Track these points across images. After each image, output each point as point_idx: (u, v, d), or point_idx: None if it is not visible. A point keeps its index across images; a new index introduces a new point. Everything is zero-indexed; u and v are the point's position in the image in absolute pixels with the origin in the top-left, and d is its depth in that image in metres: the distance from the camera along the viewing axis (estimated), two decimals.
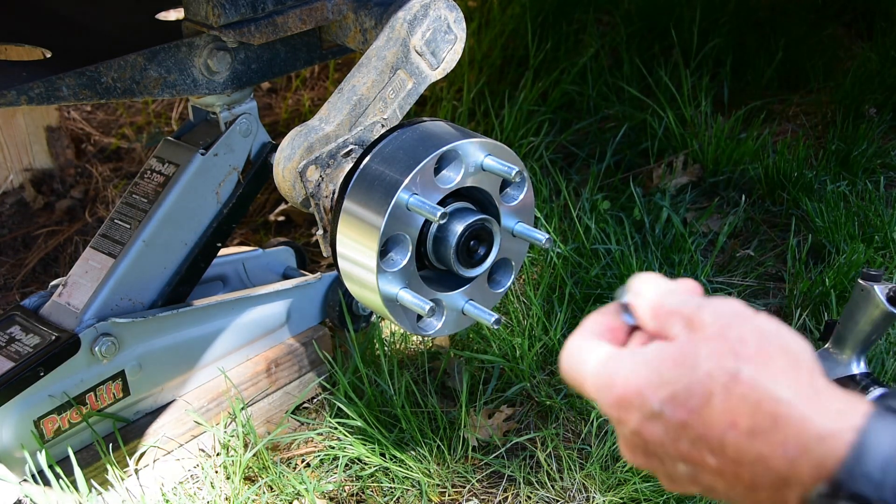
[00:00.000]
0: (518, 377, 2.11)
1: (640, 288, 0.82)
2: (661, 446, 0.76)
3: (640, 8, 3.40)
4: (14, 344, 1.76)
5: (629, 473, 1.89)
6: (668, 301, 0.79)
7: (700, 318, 0.75)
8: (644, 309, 0.81)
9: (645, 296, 0.81)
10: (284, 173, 1.62)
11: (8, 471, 1.71)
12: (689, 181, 2.78)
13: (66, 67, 1.59)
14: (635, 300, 0.82)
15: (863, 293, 1.89)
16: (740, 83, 3.22)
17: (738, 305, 0.76)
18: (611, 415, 0.78)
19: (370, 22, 1.74)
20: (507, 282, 1.71)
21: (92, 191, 2.82)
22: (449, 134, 1.56)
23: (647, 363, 0.75)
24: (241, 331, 2.01)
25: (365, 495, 1.91)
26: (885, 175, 2.83)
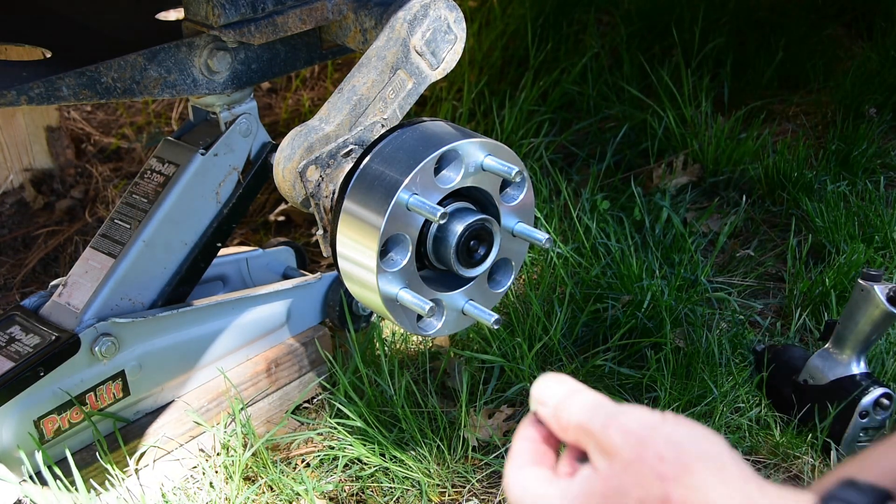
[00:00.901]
0: (518, 377, 2.11)
1: (541, 396, 0.81)
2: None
3: (640, 8, 3.40)
4: (14, 344, 1.76)
5: None
6: (570, 415, 0.78)
7: (610, 442, 0.73)
8: (552, 422, 0.80)
9: (548, 406, 0.80)
10: (284, 173, 1.62)
11: (8, 471, 1.71)
12: (690, 181, 2.78)
13: (66, 67, 1.59)
14: (541, 411, 0.81)
15: (863, 293, 1.89)
16: (740, 83, 3.22)
17: (643, 415, 0.74)
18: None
19: (370, 22, 1.74)
20: (507, 282, 1.71)
21: (92, 191, 2.82)
22: (449, 134, 1.56)
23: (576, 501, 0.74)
24: (241, 331, 2.01)
25: (365, 495, 1.91)
26: (885, 175, 2.83)
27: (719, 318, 2.29)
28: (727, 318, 2.30)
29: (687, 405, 2.02)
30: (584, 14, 3.40)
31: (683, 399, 2.02)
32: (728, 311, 2.30)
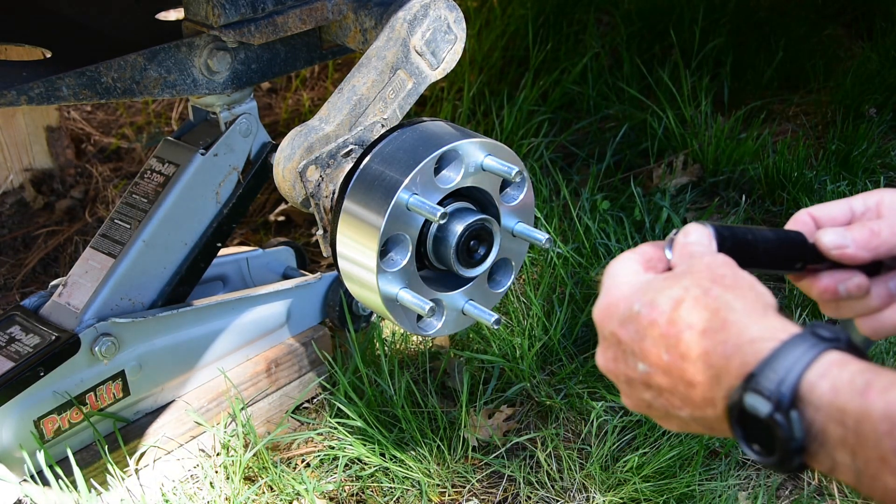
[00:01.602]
0: (518, 377, 2.11)
1: (689, 230, 0.97)
2: (629, 344, 0.89)
3: (640, 8, 3.40)
4: (14, 344, 1.77)
5: (629, 473, 1.89)
6: (694, 246, 0.94)
7: (700, 260, 0.92)
8: (679, 247, 0.96)
9: (687, 239, 0.96)
10: (284, 173, 1.62)
11: (8, 471, 1.71)
12: (689, 181, 2.78)
13: (66, 67, 1.59)
14: (680, 239, 0.97)
15: None
16: (740, 83, 3.22)
17: (731, 261, 0.92)
18: (597, 320, 0.94)
19: (370, 22, 1.74)
20: (507, 282, 1.71)
21: (92, 191, 2.82)
22: (449, 134, 1.56)
23: (642, 282, 0.92)
24: (241, 331, 2.01)
25: (365, 495, 1.91)
26: (885, 175, 2.83)
27: None
28: None
29: None
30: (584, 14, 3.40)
31: None
32: None
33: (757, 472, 1.95)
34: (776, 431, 0.79)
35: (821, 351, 0.80)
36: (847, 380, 0.77)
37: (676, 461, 1.91)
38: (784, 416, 0.79)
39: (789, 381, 0.79)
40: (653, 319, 0.87)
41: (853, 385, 0.77)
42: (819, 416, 0.78)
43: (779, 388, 0.79)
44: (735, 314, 0.84)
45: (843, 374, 0.78)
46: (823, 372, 0.79)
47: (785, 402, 0.79)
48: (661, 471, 1.90)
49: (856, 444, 0.75)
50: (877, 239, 0.98)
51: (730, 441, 1.97)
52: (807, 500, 1.88)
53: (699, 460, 1.90)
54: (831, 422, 0.77)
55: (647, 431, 1.99)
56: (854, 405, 0.76)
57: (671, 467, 1.90)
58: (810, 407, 0.78)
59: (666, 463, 1.90)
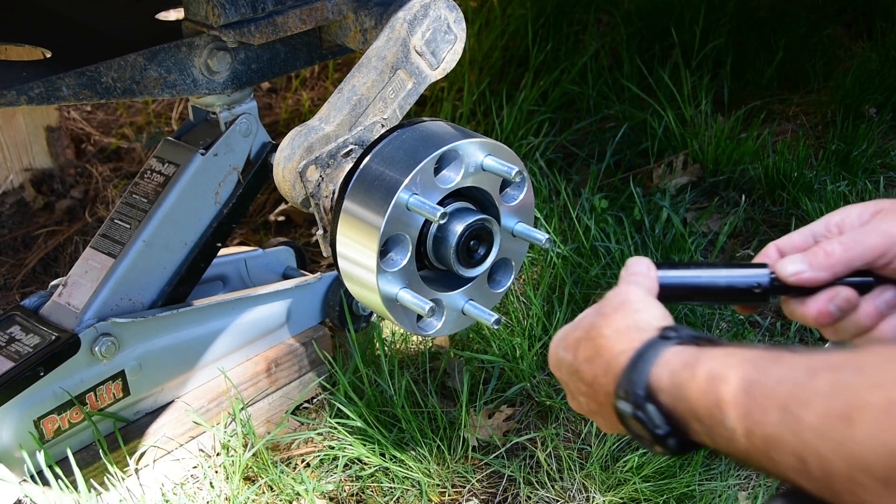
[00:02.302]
0: (518, 377, 2.11)
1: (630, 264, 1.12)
2: (568, 384, 1.07)
3: (640, 8, 3.40)
4: (14, 344, 1.77)
5: (629, 473, 1.90)
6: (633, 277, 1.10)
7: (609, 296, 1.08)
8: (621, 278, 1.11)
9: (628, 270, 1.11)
10: (284, 173, 1.62)
11: (8, 471, 1.71)
12: (689, 181, 2.78)
13: (66, 67, 1.59)
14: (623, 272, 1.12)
15: None
16: (740, 83, 3.22)
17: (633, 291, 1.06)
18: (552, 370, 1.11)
19: (370, 22, 1.74)
20: (507, 282, 1.71)
21: (92, 191, 2.82)
22: (449, 134, 1.56)
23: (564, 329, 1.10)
24: (241, 331, 2.01)
25: (365, 495, 1.91)
26: (885, 175, 2.83)
27: (719, 318, 2.29)
28: (727, 318, 2.30)
29: None
30: (584, 14, 3.40)
31: None
32: (728, 311, 2.30)
33: (757, 473, 1.95)
34: (644, 425, 0.93)
35: (662, 349, 0.93)
36: (681, 363, 0.90)
37: (676, 461, 1.91)
38: (643, 412, 0.92)
39: (641, 382, 0.92)
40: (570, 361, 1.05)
41: (686, 366, 0.90)
42: (668, 399, 0.91)
43: (634, 390, 0.93)
44: (605, 339, 1.00)
45: (677, 359, 0.91)
46: (665, 363, 0.92)
47: (641, 400, 0.92)
48: (661, 471, 1.90)
49: (694, 410, 0.88)
50: (830, 258, 1.03)
51: None
52: None
53: (699, 460, 1.90)
54: (676, 401, 0.90)
55: None
56: (684, 379, 0.89)
57: (671, 467, 1.90)
58: (661, 394, 0.91)
59: (666, 463, 1.90)
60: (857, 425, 0.74)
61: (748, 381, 0.84)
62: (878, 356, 0.78)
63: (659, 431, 0.92)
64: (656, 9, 3.37)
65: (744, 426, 0.84)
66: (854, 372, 0.77)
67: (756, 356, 0.86)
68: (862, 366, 0.77)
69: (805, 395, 0.79)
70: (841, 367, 0.79)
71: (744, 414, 0.83)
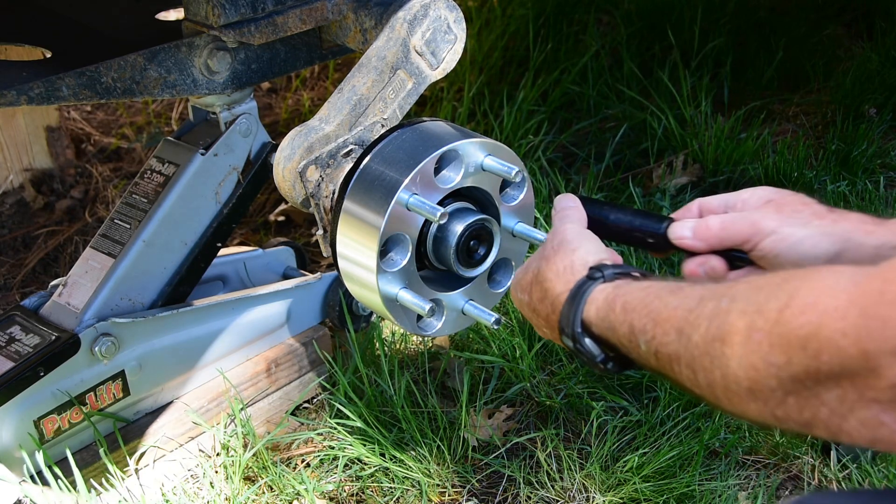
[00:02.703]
0: (518, 377, 2.11)
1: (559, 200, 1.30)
2: (532, 319, 1.22)
3: (640, 8, 3.40)
4: (14, 344, 1.77)
5: (629, 473, 1.90)
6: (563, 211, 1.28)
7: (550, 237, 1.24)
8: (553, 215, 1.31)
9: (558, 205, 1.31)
10: (284, 173, 1.62)
11: (8, 471, 1.71)
12: (689, 181, 2.78)
13: (66, 67, 1.59)
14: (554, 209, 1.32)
15: None
16: (740, 83, 3.22)
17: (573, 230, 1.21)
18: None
19: (370, 22, 1.74)
20: (507, 282, 1.71)
21: (92, 191, 2.82)
22: (449, 134, 1.56)
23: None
24: (241, 331, 2.01)
25: (365, 495, 1.91)
26: (885, 175, 2.83)
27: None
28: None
29: (687, 405, 2.02)
30: (584, 14, 3.40)
31: (683, 399, 2.02)
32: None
33: (757, 473, 1.95)
34: (584, 356, 1.09)
35: (591, 288, 1.09)
36: (602, 299, 1.07)
37: (676, 461, 1.91)
38: (581, 345, 1.09)
39: (576, 320, 1.09)
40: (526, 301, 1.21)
41: (606, 301, 1.06)
42: (598, 331, 1.07)
43: (572, 327, 1.09)
44: (549, 282, 1.15)
45: (601, 296, 1.07)
46: (592, 300, 1.08)
47: (578, 335, 1.09)
48: (661, 471, 1.90)
49: (617, 336, 1.04)
50: (707, 232, 1.20)
51: (730, 441, 1.97)
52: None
53: (699, 460, 1.90)
54: (605, 331, 1.06)
55: (647, 431, 1.99)
56: (605, 313, 1.06)
57: (671, 467, 1.90)
58: (593, 327, 1.08)
59: (666, 463, 1.90)
60: (728, 345, 0.88)
61: (653, 310, 0.99)
62: (747, 285, 0.91)
63: (597, 360, 1.09)
64: (656, 9, 3.37)
65: (651, 347, 0.99)
66: (729, 300, 0.91)
67: (660, 288, 1.01)
68: (734, 294, 0.91)
69: (694, 319, 0.93)
70: (721, 296, 0.92)
71: (650, 338, 0.99)
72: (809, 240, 1.14)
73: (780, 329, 0.83)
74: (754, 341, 0.86)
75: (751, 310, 0.87)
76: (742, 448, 1.98)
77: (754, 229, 1.17)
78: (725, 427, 1.99)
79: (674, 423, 1.99)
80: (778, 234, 1.16)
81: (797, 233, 1.15)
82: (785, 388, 0.84)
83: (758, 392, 0.87)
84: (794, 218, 1.17)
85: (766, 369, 0.85)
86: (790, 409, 0.85)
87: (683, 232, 1.22)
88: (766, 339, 0.85)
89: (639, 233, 1.27)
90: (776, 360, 0.84)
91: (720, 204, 1.27)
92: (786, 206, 1.20)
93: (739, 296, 0.90)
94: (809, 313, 0.81)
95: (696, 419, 2.00)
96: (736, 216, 1.20)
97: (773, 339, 0.84)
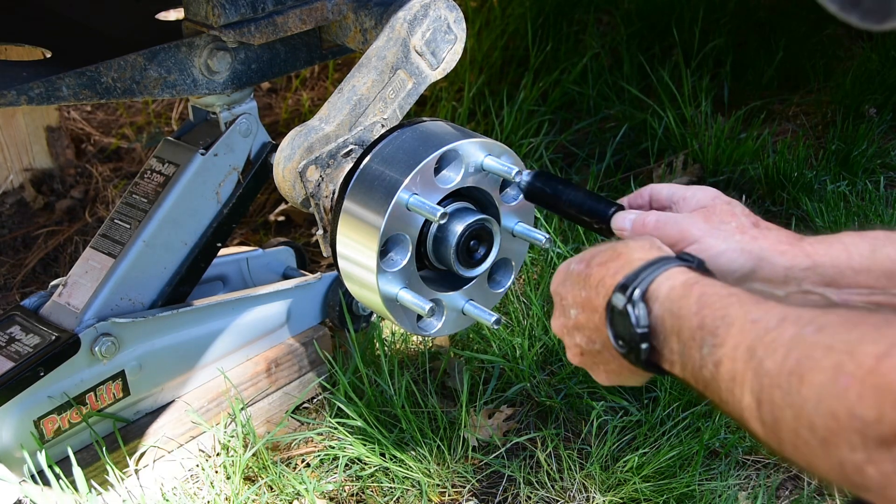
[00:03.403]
0: (518, 377, 2.11)
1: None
2: (565, 297, 1.13)
3: (640, 8, 3.40)
4: (14, 344, 1.76)
5: (629, 473, 1.90)
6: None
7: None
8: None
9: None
10: (284, 173, 1.62)
11: (8, 471, 1.71)
12: (690, 181, 2.78)
13: (66, 67, 1.59)
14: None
15: None
16: (740, 83, 3.22)
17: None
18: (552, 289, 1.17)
19: (370, 22, 1.74)
20: (507, 282, 1.71)
21: (92, 191, 2.82)
22: (449, 134, 1.56)
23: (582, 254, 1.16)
24: (241, 331, 2.01)
25: (365, 495, 1.91)
26: (885, 175, 2.83)
27: None
28: None
29: (687, 405, 2.02)
30: (584, 14, 3.40)
31: (683, 399, 2.02)
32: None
33: (757, 472, 1.95)
34: (628, 320, 1.00)
35: (673, 265, 1.01)
36: (682, 281, 0.99)
37: (676, 461, 1.91)
38: (633, 306, 0.99)
39: (643, 284, 1.00)
40: (580, 270, 1.11)
41: (685, 284, 0.98)
42: (657, 308, 0.98)
43: (635, 286, 1.00)
44: (627, 248, 1.09)
45: (681, 278, 0.99)
46: (669, 277, 1.00)
47: (637, 296, 1.00)
48: (661, 471, 1.90)
49: (679, 326, 0.95)
50: (643, 228, 1.24)
51: (730, 441, 1.97)
52: (807, 500, 1.88)
53: (699, 460, 1.90)
54: (666, 312, 0.97)
55: (647, 431, 1.99)
56: (678, 295, 0.97)
57: (671, 467, 1.90)
58: (656, 303, 0.99)
59: (666, 463, 1.90)
60: (806, 383, 0.78)
61: (729, 314, 0.90)
62: (839, 317, 0.81)
63: (639, 330, 0.99)
64: (656, 9, 3.37)
65: (716, 355, 0.89)
66: (815, 330, 0.81)
67: (744, 295, 0.92)
68: (823, 325, 0.81)
69: (771, 341, 0.83)
70: (806, 322, 0.82)
71: (718, 343, 0.89)
72: (727, 254, 1.17)
73: (876, 379, 0.73)
74: (840, 386, 0.75)
75: (840, 348, 0.77)
76: (742, 448, 1.98)
77: (681, 236, 1.21)
78: (725, 427, 1.99)
79: (674, 423, 1.99)
80: (700, 245, 1.19)
81: (718, 245, 1.18)
82: (868, 449, 0.74)
83: (833, 446, 0.76)
84: (718, 229, 1.20)
85: (850, 422, 0.74)
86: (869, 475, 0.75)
87: (624, 224, 1.28)
88: (855, 386, 0.74)
89: (587, 216, 1.36)
90: (865, 414, 0.73)
91: (668, 195, 1.31)
92: (714, 216, 1.22)
93: (829, 328, 0.80)
94: None
95: (697, 419, 2.00)
96: (669, 219, 1.23)
97: (865, 390, 0.74)
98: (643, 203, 1.34)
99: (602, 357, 1.11)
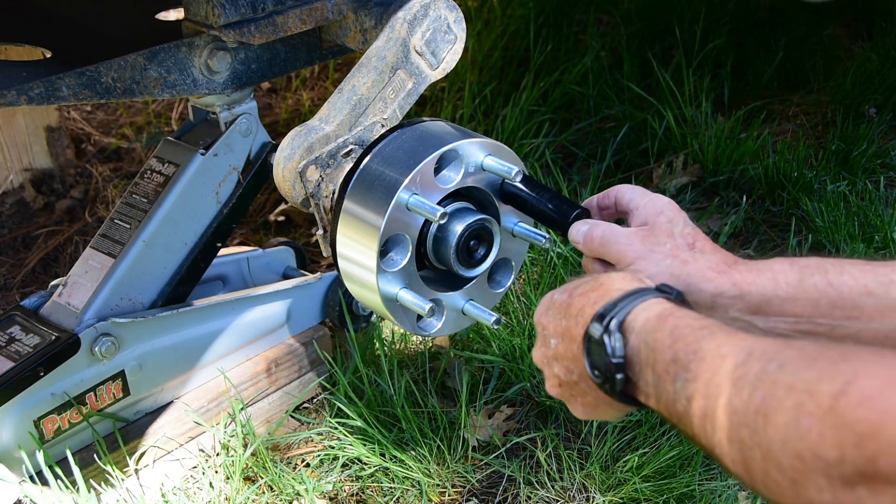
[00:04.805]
0: (518, 377, 2.11)
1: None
2: (547, 326, 1.13)
3: (640, 8, 3.40)
4: (14, 344, 1.76)
5: (629, 473, 1.89)
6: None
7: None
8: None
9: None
10: (284, 173, 1.62)
11: (8, 471, 1.71)
12: (690, 181, 2.78)
13: (66, 67, 1.59)
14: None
15: None
16: (740, 83, 3.22)
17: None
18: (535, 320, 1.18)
19: (370, 22, 1.74)
20: (507, 282, 1.71)
21: (92, 191, 2.82)
22: (449, 134, 1.56)
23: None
24: (241, 331, 2.01)
25: (365, 495, 1.91)
26: (885, 175, 2.83)
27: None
28: None
29: None
30: (584, 14, 3.40)
31: None
32: None
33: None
34: (604, 349, 0.99)
35: (651, 296, 1.01)
36: (657, 312, 0.97)
37: (676, 461, 1.91)
38: (609, 336, 0.99)
39: (620, 314, 1.00)
40: (562, 300, 1.11)
41: (660, 316, 0.96)
42: (634, 339, 0.97)
43: (611, 317, 0.99)
44: (608, 279, 1.08)
45: (656, 309, 0.98)
46: (645, 308, 0.99)
47: (612, 326, 0.99)
48: (661, 471, 1.90)
49: (654, 359, 0.94)
50: (591, 243, 1.30)
51: None
52: None
53: (699, 460, 1.90)
54: (642, 343, 0.96)
55: (646, 431, 1.99)
56: (653, 327, 0.96)
57: (671, 467, 1.90)
58: (632, 333, 0.98)
59: (666, 463, 1.90)
60: (771, 423, 0.78)
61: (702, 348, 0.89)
62: (799, 352, 0.81)
63: (614, 360, 0.98)
64: (656, 9, 3.37)
65: (688, 390, 0.88)
66: (777, 367, 0.80)
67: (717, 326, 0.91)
68: (784, 361, 0.81)
69: (737, 378, 0.83)
70: (769, 359, 0.82)
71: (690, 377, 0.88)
72: (657, 278, 1.16)
73: (834, 419, 0.73)
74: (803, 428, 0.75)
75: (801, 387, 0.77)
76: None
77: (619, 257, 1.26)
78: None
79: None
80: (635, 266, 1.23)
81: (649, 269, 1.21)
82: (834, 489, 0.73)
83: (802, 487, 0.75)
84: (654, 251, 1.23)
85: (815, 463, 0.74)
86: None
87: (577, 236, 1.33)
88: (816, 426, 0.74)
89: (549, 221, 1.44)
90: (827, 454, 0.73)
91: (627, 201, 1.36)
92: (652, 236, 1.25)
93: (789, 365, 0.80)
94: (869, 407, 0.71)
95: None
96: (611, 238, 1.28)
97: (826, 430, 0.73)
98: (609, 204, 1.38)
99: (579, 388, 1.09)
